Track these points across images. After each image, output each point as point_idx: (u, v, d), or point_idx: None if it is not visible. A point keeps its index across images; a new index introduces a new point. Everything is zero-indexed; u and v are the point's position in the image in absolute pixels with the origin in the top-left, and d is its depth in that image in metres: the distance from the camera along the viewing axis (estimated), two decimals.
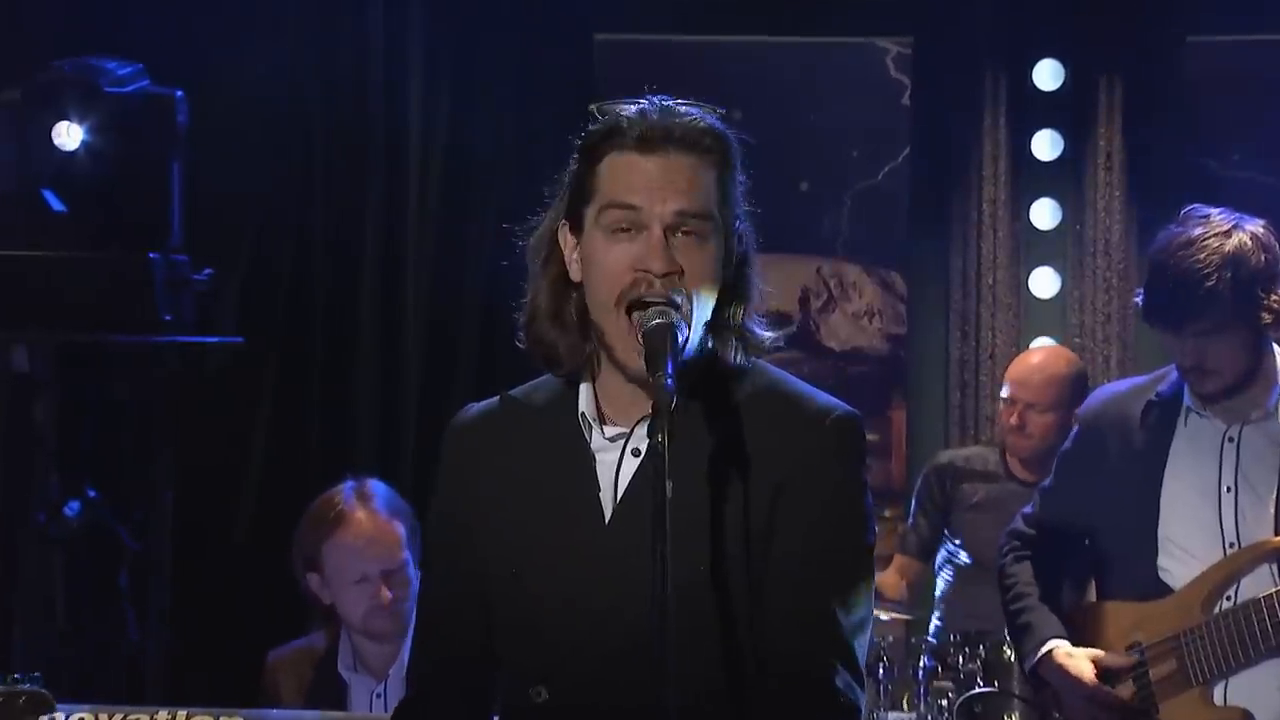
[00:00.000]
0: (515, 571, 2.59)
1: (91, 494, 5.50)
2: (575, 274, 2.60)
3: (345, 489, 4.30)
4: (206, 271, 5.56)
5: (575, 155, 2.60)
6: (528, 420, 2.66)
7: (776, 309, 2.69)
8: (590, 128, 2.59)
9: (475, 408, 2.74)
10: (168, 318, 5.36)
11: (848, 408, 2.62)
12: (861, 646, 2.59)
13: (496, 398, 2.73)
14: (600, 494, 2.58)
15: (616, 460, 2.58)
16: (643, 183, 2.52)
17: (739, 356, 2.59)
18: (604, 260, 2.54)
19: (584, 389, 2.63)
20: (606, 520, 2.57)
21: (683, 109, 2.57)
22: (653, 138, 2.53)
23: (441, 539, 2.73)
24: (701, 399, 2.57)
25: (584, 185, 2.57)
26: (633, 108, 2.56)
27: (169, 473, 5.74)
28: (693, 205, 2.52)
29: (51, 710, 3.55)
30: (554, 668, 2.57)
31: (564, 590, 2.56)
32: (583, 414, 2.61)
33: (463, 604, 2.66)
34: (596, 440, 2.61)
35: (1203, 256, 3.69)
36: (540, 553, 2.59)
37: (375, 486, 4.33)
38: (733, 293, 2.59)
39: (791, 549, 2.53)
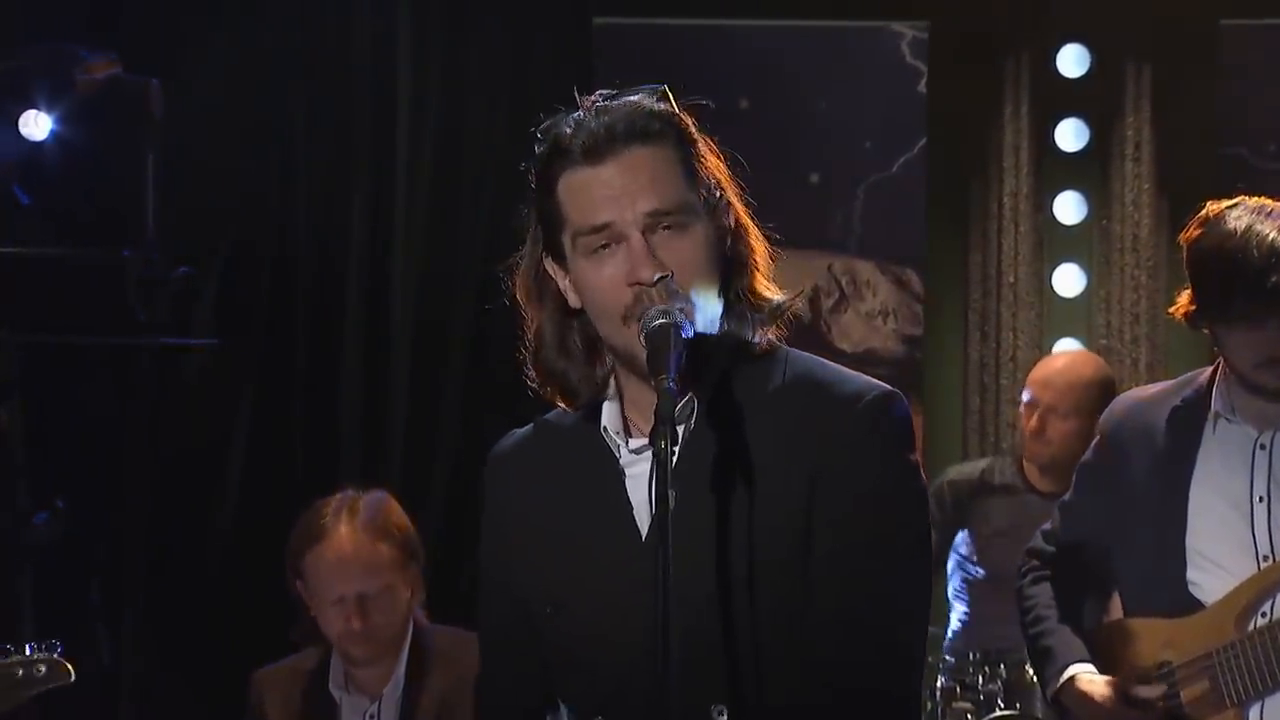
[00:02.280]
0: (558, 603, 2.62)
1: (61, 504, 5.51)
2: (574, 301, 2.62)
3: (337, 499, 4.31)
4: (182, 269, 5.57)
5: (532, 185, 2.61)
6: (558, 445, 2.70)
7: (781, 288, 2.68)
8: (536, 151, 2.59)
9: (513, 436, 2.78)
10: (141, 318, 5.36)
11: (886, 387, 2.59)
12: (919, 649, 2.58)
13: (531, 424, 2.77)
14: (635, 511, 2.60)
15: (647, 473, 2.55)
16: (604, 195, 2.52)
17: (757, 332, 2.60)
18: (596, 284, 2.55)
19: (608, 405, 2.65)
20: (644, 538, 2.57)
21: (619, 100, 2.57)
22: (596, 143, 2.53)
23: (490, 576, 2.77)
24: (727, 396, 2.57)
25: (550, 215, 2.58)
26: (569, 120, 2.56)
27: (143, 482, 5.74)
28: (662, 200, 2.53)
29: (69, 678, 3.69)
30: (607, 698, 2.59)
31: (607, 616, 2.58)
32: (605, 428, 2.63)
33: (517, 643, 2.70)
34: (625, 455, 2.62)
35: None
36: (580, 580, 2.61)
37: (369, 501, 4.32)
38: (733, 266, 2.60)
39: (832, 547, 2.52)
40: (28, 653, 3.87)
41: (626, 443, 2.62)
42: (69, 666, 3.87)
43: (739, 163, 2.65)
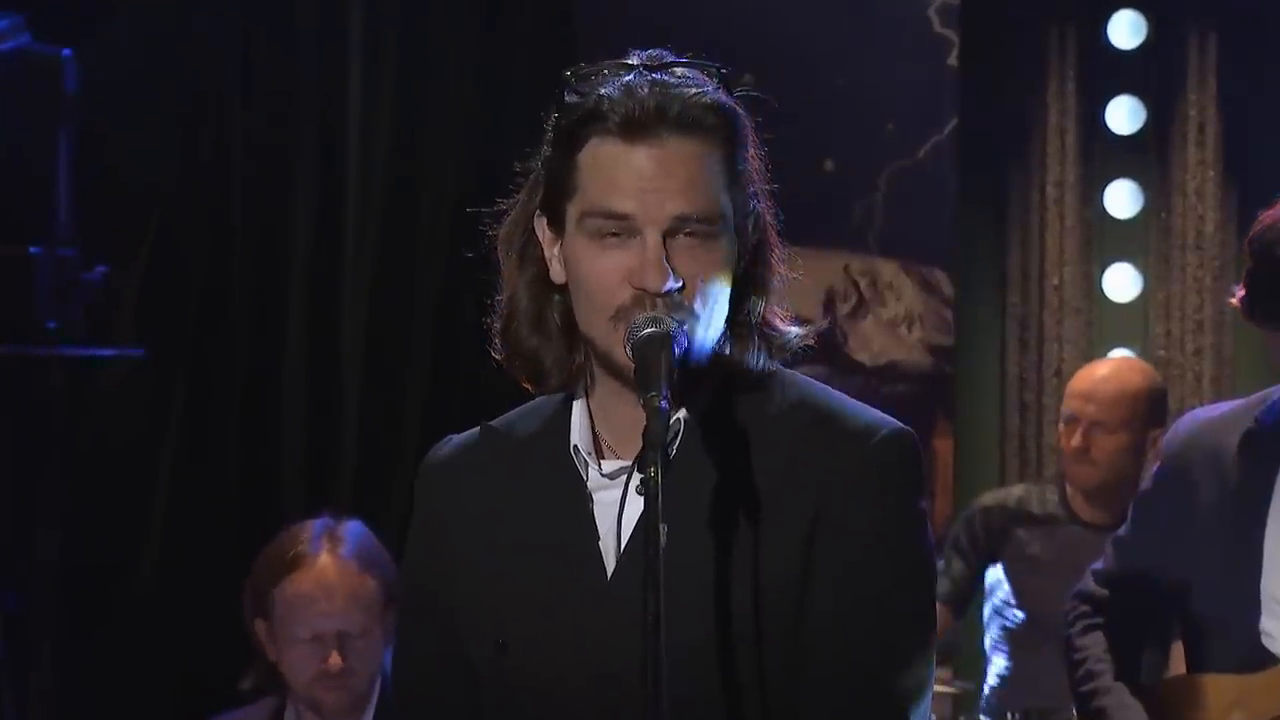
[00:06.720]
0: (502, 642, 2.60)
1: None
2: (557, 275, 2.60)
3: (315, 525, 4.34)
4: (100, 269, 5.55)
5: (549, 135, 2.59)
6: (512, 456, 2.67)
7: (795, 315, 2.67)
8: (565, 101, 2.56)
9: (452, 442, 2.75)
10: (52, 325, 5.35)
11: (898, 424, 2.60)
12: (920, 717, 2.59)
13: (477, 429, 2.74)
14: (600, 543, 2.58)
15: (619, 501, 2.57)
16: (633, 183, 2.51)
17: (761, 362, 2.60)
18: (592, 271, 2.54)
19: (577, 414, 2.63)
20: (609, 575, 2.57)
21: (679, 76, 2.55)
22: (643, 122, 2.51)
23: (415, 604, 2.75)
24: (719, 420, 2.57)
25: (562, 178, 2.56)
26: (617, 81, 2.54)
27: (54, 514, 5.71)
28: (695, 206, 2.52)
29: None
30: None
31: (562, 661, 2.56)
32: (575, 447, 2.62)
33: (442, 683, 2.68)
34: (594, 478, 2.61)
35: None
36: (532, 618, 2.59)
37: (352, 529, 4.35)
38: (749, 287, 2.60)
39: (831, 600, 2.52)
40: None
41: (599, 464, 2.60)
42: None
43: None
